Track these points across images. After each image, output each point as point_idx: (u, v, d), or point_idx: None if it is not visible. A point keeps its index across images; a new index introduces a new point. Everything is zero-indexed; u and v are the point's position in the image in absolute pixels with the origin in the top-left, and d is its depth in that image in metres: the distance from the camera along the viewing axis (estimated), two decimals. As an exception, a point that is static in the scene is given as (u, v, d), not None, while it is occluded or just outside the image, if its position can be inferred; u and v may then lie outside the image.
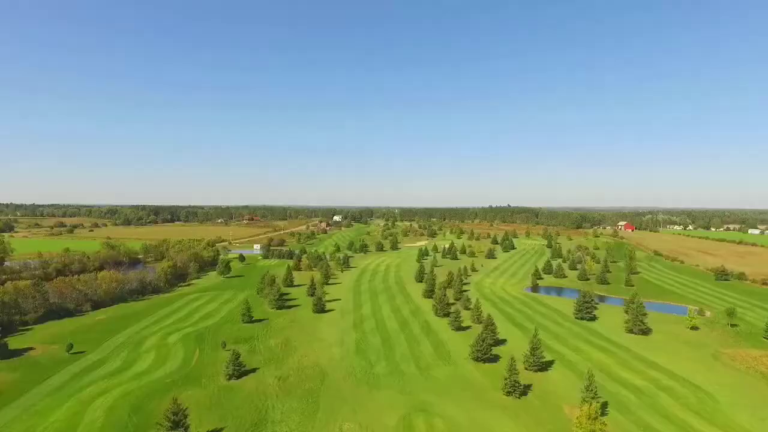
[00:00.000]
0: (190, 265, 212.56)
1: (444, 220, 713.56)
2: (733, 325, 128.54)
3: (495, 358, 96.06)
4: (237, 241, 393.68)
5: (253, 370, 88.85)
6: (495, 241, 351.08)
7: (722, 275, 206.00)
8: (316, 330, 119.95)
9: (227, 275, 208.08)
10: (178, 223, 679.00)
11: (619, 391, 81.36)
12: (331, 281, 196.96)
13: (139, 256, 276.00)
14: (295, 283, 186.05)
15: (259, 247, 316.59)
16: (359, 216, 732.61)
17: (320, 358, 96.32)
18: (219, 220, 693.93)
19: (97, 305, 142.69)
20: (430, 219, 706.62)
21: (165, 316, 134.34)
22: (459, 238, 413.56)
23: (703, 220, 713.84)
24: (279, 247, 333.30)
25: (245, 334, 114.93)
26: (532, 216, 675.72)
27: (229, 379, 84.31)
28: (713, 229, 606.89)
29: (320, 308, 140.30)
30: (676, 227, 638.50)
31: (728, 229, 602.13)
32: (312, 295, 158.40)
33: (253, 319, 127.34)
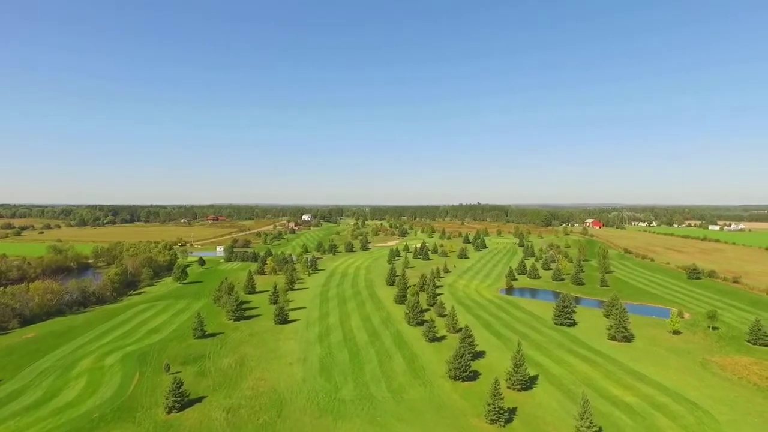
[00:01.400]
0: (142, 271, 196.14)
1: (415, 218, 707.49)
2: (714, 328, 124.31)
3: (474, 375, 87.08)
4: (199, 242, 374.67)
5: (199, 400, 76.75)
6: (467, 240, 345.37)
7: (694, 273, 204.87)
8: (276, 345, 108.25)
9: (184, 281, 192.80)
10: (138, 223, 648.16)
11: (612, 412, 73.57)
12: (297, 286, 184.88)
13: (90, 261, 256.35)
14: (257, 290, 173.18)
15: (221, 249, 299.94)
16: (329, 215, 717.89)
17: (279, 381, 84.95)
18: (182, 221, 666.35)
19: (27, 321, 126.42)
20: (401, 217, 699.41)
21: (106, 331, 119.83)
22: (430, 237, 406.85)
23: (665, 216, 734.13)
24: (243, 249, 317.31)
25: (196, 351, 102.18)
26: (502, 214, 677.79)
27: (170, 412, 72.01)
28: (676, 226, 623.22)
29: (282, 318, 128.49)
30: (641, 224, 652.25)
31: (690, 225, 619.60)
32: (275, 303, 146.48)
33: (206, 333, 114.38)
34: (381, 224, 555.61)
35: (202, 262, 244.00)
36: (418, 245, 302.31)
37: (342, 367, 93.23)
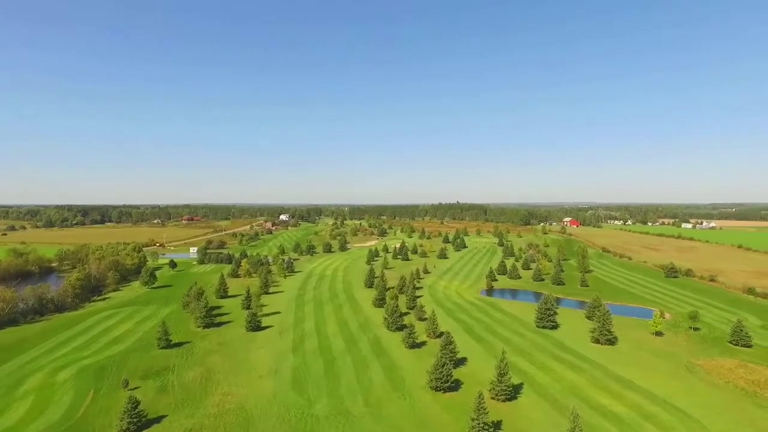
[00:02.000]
0: (108, 275, 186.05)
1: (394, 217, 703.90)
2: (695, 329, 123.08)
3: (456, 385, 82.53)
4: (172, 243, 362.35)
5: (159, 420, 70.14)
6: (446, 240, 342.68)
7: (671, 272, 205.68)
8: (247, 355, 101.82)
9: (152, 286, 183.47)
10: (109, 224, 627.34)
11: (600, 423, 69.93)
12: (272, 289, 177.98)
13: (53, 265, 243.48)
14: (230, 294, 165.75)
15: (195, 251, 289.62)
16: (307, 215, 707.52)
17: (247, 397, 78.79)
18: (155, 221, 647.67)
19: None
20: (381, 217, 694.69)
21: (63, 342, 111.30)
22: (410, 237, 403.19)
23: (639, 214, 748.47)
24: (218, 250, 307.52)
25: (159, 364, 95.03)
26: (481, 213, 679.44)
27: (124, 435, 65.41)
28: (650, 224, 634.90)
29: (255, 325, 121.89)
30: (617, 222, 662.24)
31: (663, 223, 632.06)
32: (248, 308, 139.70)
33: (172, 342, 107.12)
34: (360, 224, 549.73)
35: (173, 264, 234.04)
36: (398, 245, 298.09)
37: (316, 378, 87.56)
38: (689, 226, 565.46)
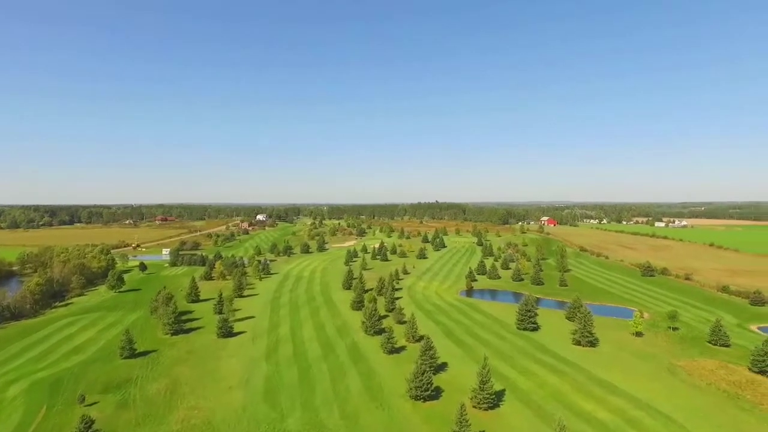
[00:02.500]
0: (72, 279, 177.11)
1: (374, 217, 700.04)
2: (674, 329, 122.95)
3: (437, 393, 79.14)
4: (145, 245, 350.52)
5: (116, 439, 64.85)
6: (426, 240, 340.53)
7: (648, 271, 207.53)
8: (217, 364, 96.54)
9: (120, 290, 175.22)
10: (78, 225, 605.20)
11: (585, 430, 67.55)
12: (246, 292, 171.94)
13: (14, 269, 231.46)
14: (201, 298, 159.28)
15: (167, 252, 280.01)
16: (285, 214, 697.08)
17: (215, 411, 73.83)
18: (127, 222, 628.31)
19: None
20: (360, 216, 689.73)
21: (17, 353, 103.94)
22: (389, 236, 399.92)
23: (614, 213, 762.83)
24: (192, 252, 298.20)
25: (121, 375, 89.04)
26: (459, 212, 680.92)
27: (76, 458, 59.89)
28: (624, 223, 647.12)
29: (226, 331, 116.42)
30: (592, 221, 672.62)
31: (637, 222, 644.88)
32: (220, 313, 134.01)
33: (136, 352, 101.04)
34: (339, 224, 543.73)
35: (143, 267, 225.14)
36: (377, 245, 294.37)
37: (290, 388, 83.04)
38: (662, 224, 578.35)
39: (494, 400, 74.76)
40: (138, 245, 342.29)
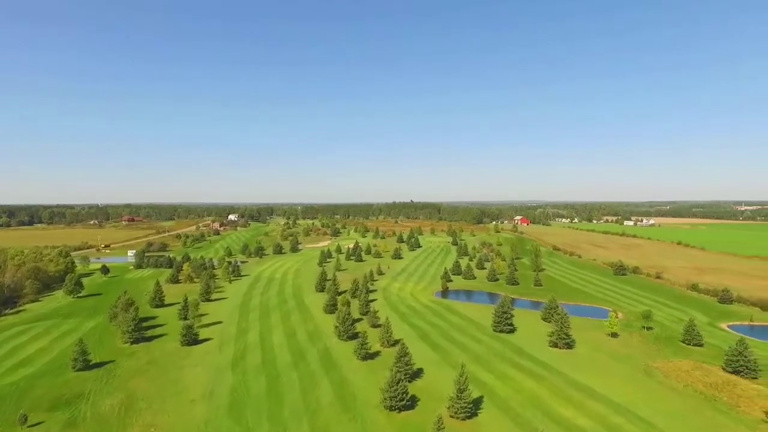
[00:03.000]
0: (26, 284, 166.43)
1: (348, 217, 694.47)
2: (648, 329, 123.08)
3: (412, 403, 75.50)
4: (109, 246, 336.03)
5: (60, 465, 58.82)
6: (401, 239, 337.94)
7: (620, 270, 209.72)
8: (179, 374, 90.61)
9: (78, 295, 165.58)
10: (39, 226, 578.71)
11: (566, 439, 65.19)
12: (214, 296, 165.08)
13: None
14: (166, 302, 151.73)
15: (133, 254, 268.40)
16: (258, 214, 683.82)
17: (175, 427, 68.28)
18: (92, 222, 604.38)
19: None
20: (334, 216, 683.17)
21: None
22: (364, 236, 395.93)
23: (585, 212, 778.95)
24: (159, 253, 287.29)
25: (72, 390, 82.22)
26: (434, 211, 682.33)
27: (12, 488, 53.74)
28: (595, 222, 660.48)
29: (191, 338, 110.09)
30: (564, 220, 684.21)
31: (607, 221, 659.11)
32: (185, 319, 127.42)
33: (91, 363, 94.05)
34: (313, 223, 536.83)
35: (105, 270, 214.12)
36: (351, 245, 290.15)
37: (257, 400, 78.05)
38: (631, 223, 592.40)
39: (472, 409, 71.64)
40: (107, 246, 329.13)
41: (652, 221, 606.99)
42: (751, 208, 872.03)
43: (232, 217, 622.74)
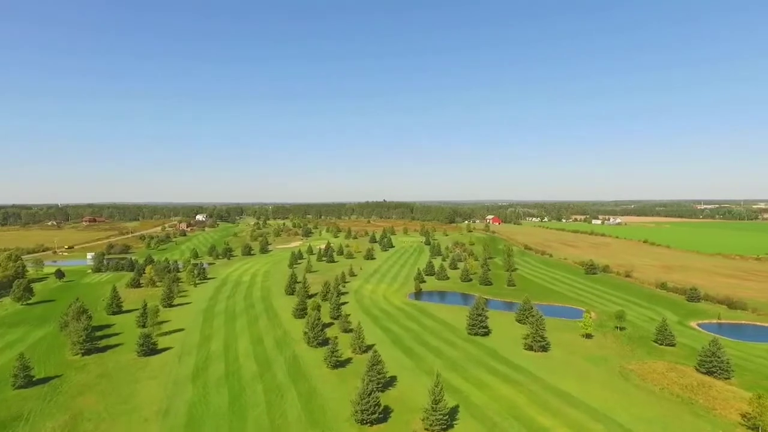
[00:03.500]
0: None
1: (320, 216, 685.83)
2: (621, 329, 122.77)
3: (385, 415, 71.31)
4: (66, 249, 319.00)
5: (-13, 501, 52.02)
6: (373, 240, 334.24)
7: (591, 269, 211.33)
8: (133, 389, 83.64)
9: (28, 302, 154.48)
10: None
11: (545, 451, 62.24)
12: (177, 301, 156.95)
13: None
14: (124, 308, 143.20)
15: (92, 257, 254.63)
16: (227, 214, 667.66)
17: (123, 451, 62.14)
18: (50, 223, 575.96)
19: None
20: (306, 216, 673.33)
21: None
22: (336, 237, 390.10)
23: (554, 211, 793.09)
24: (120, 256, 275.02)
25: (10, 411, 74.35)
26: (407, 211, 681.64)
27: None
28: (564, 220, 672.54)
29: (149, 348, 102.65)
30: (534, 219, 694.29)
31: (576, 219, 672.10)
32: (143, 327, 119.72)
33: (34, 379, 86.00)
34: (284, 224, 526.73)
35: (60, 274, 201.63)
36: (323, 246, 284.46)
37: (217, 417, 72.23)
38: (598, 222, 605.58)
39: (448, 421, 67.90)
40: (71, 247, 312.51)
41: (618, 220, 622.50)
42: (709, 206, 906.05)
43: (200, 217, 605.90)
